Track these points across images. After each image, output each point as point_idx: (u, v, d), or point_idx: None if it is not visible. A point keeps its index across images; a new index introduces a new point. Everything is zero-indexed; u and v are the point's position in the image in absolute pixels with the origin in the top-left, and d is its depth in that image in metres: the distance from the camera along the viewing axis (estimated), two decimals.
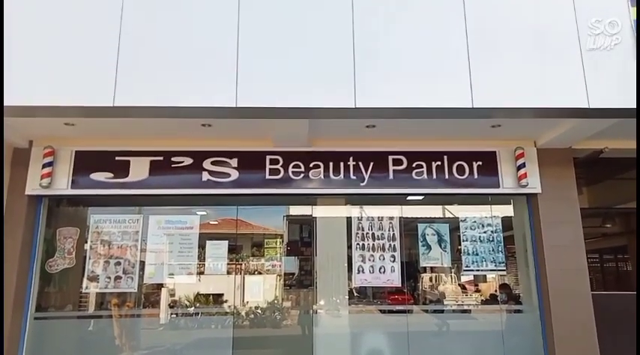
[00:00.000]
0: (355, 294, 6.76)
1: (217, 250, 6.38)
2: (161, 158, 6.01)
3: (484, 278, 7.19)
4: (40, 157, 5.83)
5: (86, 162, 5.95)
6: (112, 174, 5.92)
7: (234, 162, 6.06)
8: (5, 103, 4.52)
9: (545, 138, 5.96)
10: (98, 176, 5.92)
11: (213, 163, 6.04)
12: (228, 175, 6.03)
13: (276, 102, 4.78)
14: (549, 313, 5.80)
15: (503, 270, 6.42)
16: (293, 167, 6.10)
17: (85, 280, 6.04)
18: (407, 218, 6.60)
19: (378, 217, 6.52)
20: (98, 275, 6.03)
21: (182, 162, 6.02)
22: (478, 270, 6.44)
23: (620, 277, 10.84)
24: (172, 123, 5.36)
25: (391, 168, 6.16)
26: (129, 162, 5.97)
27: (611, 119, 5.09)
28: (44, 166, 5.80)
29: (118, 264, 6.07)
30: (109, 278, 6.03)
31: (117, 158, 5.97)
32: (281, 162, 6.10)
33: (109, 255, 6.10)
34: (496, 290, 6.88)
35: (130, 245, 6.13)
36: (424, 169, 6.15)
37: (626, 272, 10.63)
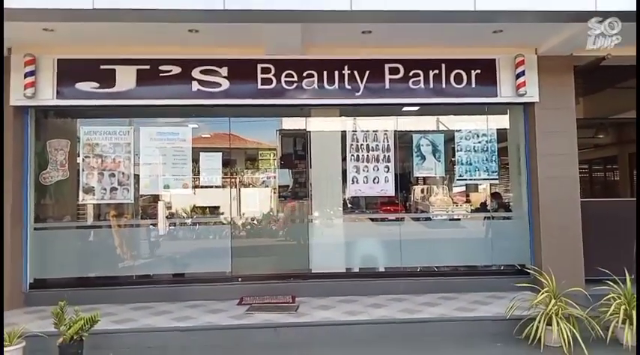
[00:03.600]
0: (349, 205, 6.92)
1: (211, 162, 6.37)
2: (148, 67, 5.77)
3: (475, 188, 7.34)
4: (20, 65, 5.57)
5: (70, 71, 5.72)
6: (97, 84, 5.72)
7: (224, 71, 5.85)
8: None
9: (547, 44, 5.75)
10: (84, 86, 5.71)
11: (202, 72, 5.82)
12: (219, 85, 5.85)
13: (267, 4, 4.48)
14: (538, 219, 6.00)
15: (496, 179, 6.52)
16: (286, 76, 5.91)
17: (80, 192, 6.08)
18: (401, 131, 6.56)
19: (373, 129, 6.46)
20: (93, 187, 6.06)
21: (170, 70, 5.80)
22: (471, 179, 6.54)
23: (608, 186, 11.13)
24: (157, 28, 5.06)
25: (387, 77, 5.99)
26: (114, 70, 5.74)
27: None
28: (26, 75, 5.56)
29: (112, 175, 6.08)
30: (105, 189, 6.06)
31: (102, 67, 5.72)
32: (273, 71, 5.89)
33: (102, 167, 6.08)
34: (486, 200, 7.05)
35: (122, 157, 6.09)
36: (421, 78, 5.99)
37: (614, 181, 10.90)
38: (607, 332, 4.40)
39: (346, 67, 5.95)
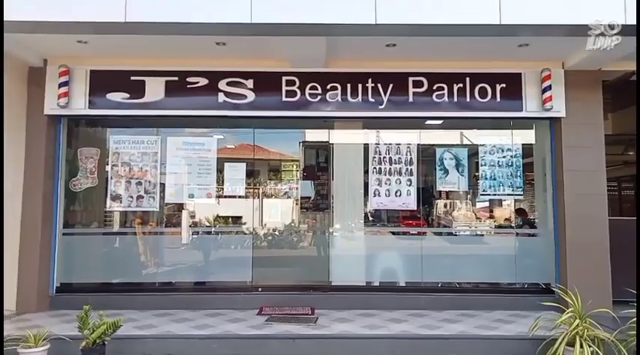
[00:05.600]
0: (370, 218, 6.89)
1: (235, 172, 6.45)
2: (176, 78, 5.93)
3: (500, 204, 7.21)
4: (55, 76, 5.80)
5: (102, 82, 5.92)
6: (127, 95, 5.90)
7: (250, 83, 5.95)
8: (16, 18, 4.39)
9: (574, 59, 5.67)
10: (114, 96, 5.90)
11: (228, 84, 5.94)
12: (245, 97, 5.95)
13: (293, 18, 4.56)
14: (564, 237, 5.85)
15: (521, 195, 6.40)
16: (310, 89, 5.97)
17: (108, 199, 6.23)
18: (424, 144, 6.53)
19: (396, 142, 6.46)
20: (120, 195, 6.20)
21: (197, 82, 5.94)
22: (495, 194, 6.45)
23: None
24: (186, 41, 5.21)
25: (411, 90, 5.99)
26: (144, 82, 5.91)
27: None
28: (60, 86, 5.78)
29: (139, 184, 6.22)
30: (132, 197, 6.21)
31: (132, 78, 5.90)
32: (298, 84, 5.97)
33: (129, 176, 6.23)
34: (511, 216, 6.92)
35: (149, 165, 6.24)
36: (445, 91, 5.97)
37: None
38: None
39: (370, 80, 5.99)
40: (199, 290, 6.26)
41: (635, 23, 4.50)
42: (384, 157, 6.45)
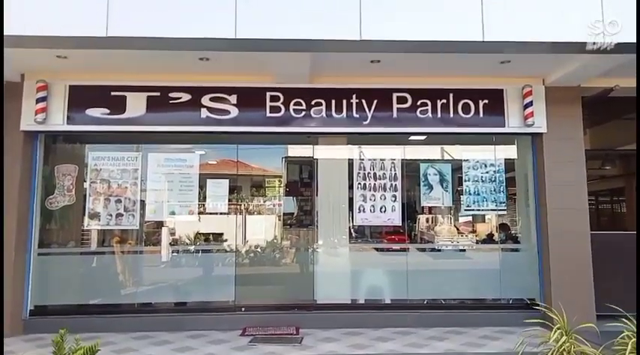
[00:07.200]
0: (354, 234, 6.84)
1: (218, 189, 6.35)
2: (158, 94, 5.83)
3: (482, 219, 7.25)
4: (33, 91, 5.64)
5: (81, 97, 5.77)
6: (108, 110, 5.77)
7: (233, 98, 5.89)
8: None
9: (554, 75, 5.79)
10: (94, 112, 5.76)
11: (212, 100, 5.87)
12: (228, 112, 5.88)
13: (277, 33, 4.56)
14: (547, 251, 5.89)
15: (504, 210, 6.45)
16: (294, 104, 5.94)
17: (86, 217, 6.04)
18: (408, 160, 6.55)
19: (380, 158, 6.45)
20: (99, 213, 6.02)
21: (180, 98, 5.85)
22: (479, 209, 6.48)
23: (616, 218, 11.00)
24: (168, 56, 5.12)
25: (395, 106, 6.01)
26: (125, 97, 5.79)
27: (625, 55, 4.89)
28: (38, 101, 5.62)
29: (119, 201, 6.05)
30: (110, 215, 6.03)
31: (112, 93, 5.78)
32: (282, 100, 5.93)
33: (109, 193, 6.06)
34: (494, 231, 6.96)
35: (129, 182, 6.08)
36: (429, 107, 6.01)
37: (621, 214, 10.78)
38: None
39: (354, 96, 5.99)
40: (180, 310, 6.07)
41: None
42: (369, 173, 6.44)
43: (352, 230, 6.77)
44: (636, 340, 3.97)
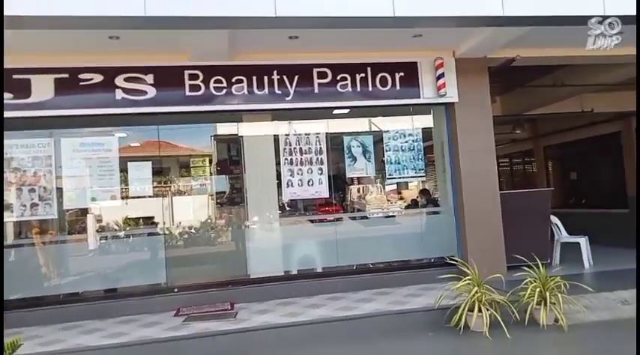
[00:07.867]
0: (287, 208, 6.98)
1: (140, 172, 6.18)
2: (67, 75, 5.51)
3: (406, 186, 7.66)
4: None
5: None
6: (11, 95, 5.37)
7: (149, 78, 5.70)
8: None
9: (462, 47, 6.11)
10: None
11: (126, 80, 5.64)
12: (145, 93, 5.70)
13: (190, 11, 4.44)
14: (462, 212, 6.35)
15: (423, 177, 6.86)
16: (214, 82, 5.86)
17: None
18: (333, 133, 6.71)
19: (305, 132, 6.56)
20: (12, 204, 5.69)
21: (91, 79, 5.57)
22: (400, 177, 6.82)
23: (527, 177, 12.01)
24: (75, 35, 4.84)
25: (316, 81, 6.10)
26: (29, 80, 5.44)
27: (523, 27, 5.27)
28: None
29: (32, 190, 5.73)
30: (24, 206, 5.71)
31: (15, 76, 5.38)
32: (201, 78, 5.83)
33: (21, 182, 5.72)
34: (417, 196, 7.38)
35: (43, 170, 5.77)
36: (348, 82, 6.16)
37: (532, 173, 11.79)
38: (525, 315, 4.75)
39: (275, 72, 6.00)
40: (110, 297, 5.93)
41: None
42: (295, 148, 6.54)
43: (285, 204, 6.90)
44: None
